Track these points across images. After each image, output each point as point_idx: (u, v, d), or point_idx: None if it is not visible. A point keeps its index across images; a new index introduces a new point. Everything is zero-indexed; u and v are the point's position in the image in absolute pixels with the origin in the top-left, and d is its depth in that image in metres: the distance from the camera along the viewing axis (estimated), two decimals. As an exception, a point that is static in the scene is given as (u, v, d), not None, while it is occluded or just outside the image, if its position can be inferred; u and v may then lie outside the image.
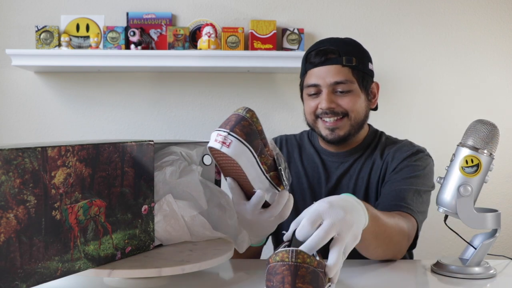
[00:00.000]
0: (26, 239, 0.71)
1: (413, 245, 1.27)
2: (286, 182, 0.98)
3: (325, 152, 1.46)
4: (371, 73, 1.40)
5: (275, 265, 0.71)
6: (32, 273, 0.72)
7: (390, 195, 1.30)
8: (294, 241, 0.82)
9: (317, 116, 1.38)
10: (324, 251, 0.80)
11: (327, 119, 1.36)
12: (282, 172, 0.97)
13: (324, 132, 1.38)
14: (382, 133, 1.49)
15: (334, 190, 1.41)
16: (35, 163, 0.72)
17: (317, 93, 1.36)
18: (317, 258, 0.80)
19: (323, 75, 1.34)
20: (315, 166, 1.45)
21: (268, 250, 1.57)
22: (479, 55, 2.35)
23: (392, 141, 1.44)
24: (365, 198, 1.38)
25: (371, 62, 1.41)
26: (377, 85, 1.44)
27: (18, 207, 0.70)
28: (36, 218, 0.73)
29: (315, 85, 1.36)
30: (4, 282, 0.68)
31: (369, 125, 1.48)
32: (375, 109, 1.48)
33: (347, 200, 0.85)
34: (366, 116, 1.41)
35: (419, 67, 2.35)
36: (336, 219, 0.78)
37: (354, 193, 1.39)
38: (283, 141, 1.54)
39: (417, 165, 1.34)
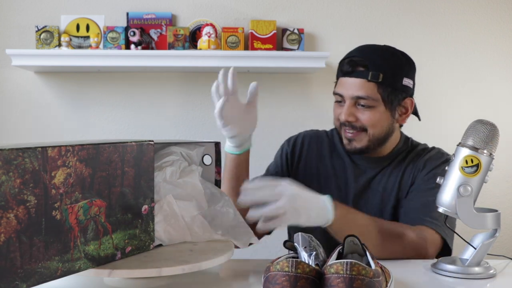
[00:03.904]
0: (26, 239, 0.71)
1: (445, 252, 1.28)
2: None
3: (356, 154, 1.44)
4: (404, 89, 1.35)
5: (330, 277, 0.72)
6: (32, 273, 0.72)
7: (415, 207, 1.31)
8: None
9: (340, 124, 1.38)
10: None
11: (347, 130, 1.36)
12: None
13: (344, 141, 1.39)
14: (412, 140, 1.47)
15: (363, 193, 1.41)
16: (35, 163, 0.72)
17: (342, 102, 1.36)
18: (373, 266, 0.80)
19: (347, 86, 1.33)
20: (344, 166, 1.44)
21: (268, 250, 1.57)
22: (479, 55, 2.35)
23: (423, 148, 1.43)
24: (396, 205, 1.37)
25: (410, 77, 1.36)
26: (412, 101, 1.39)
27: (18, 207, 0.70)
28: (36, 218, 0.73)
29: (340, 94, 1.36)
30: (4, 282, 0.68)
31: (401, 132, 1.46)
32: (418, 119, 1.48)
33: (310, 199, 1.09)
34: (389, 133, 1.37)
35: (419, 67, 2.32)
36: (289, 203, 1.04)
37: (383, 199, 1.38)
38: (312, 138, 1.52)
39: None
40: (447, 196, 1.07)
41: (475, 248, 1.09)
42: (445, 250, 1.28)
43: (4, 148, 0.68)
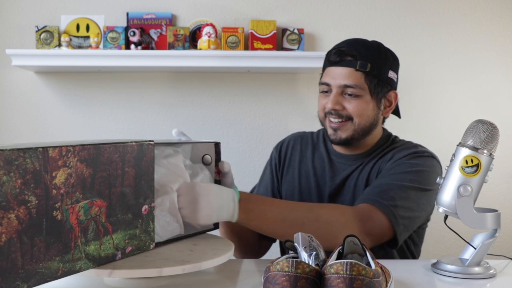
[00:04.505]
0: (27, 239, 0.71)
1: (393, 243, 1.23)
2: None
3: (335, 153, 1.45)
4: (389, 81, 1.37)
5: (330, 277, 0.72)
6: (33, 273, 0.72)
7: (367, 190, 1.29)
8: None
9: (325, 114, 1.38)
10: None
11: (332, 119, 1.36)
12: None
13: (329, 131, 1.39)
14: (395, 137, 1.47)
15: (337, 191, 1.41)
16: (36, 163, 0.72)
17: (329, 92, 1.37)
18: (373, 267, 0.80)
19: (335, 75, 1.34)
20: (323, 166, 1.45)
21: (269, 250, 1.57)
22: (479, 55, 2.35)
23: (400, 144, 1.43)
24: None
25: (394, 70, 1.39)
26: (396, 94, 1.41)
27: (19, 208, 0.70)
28: (37, 219, 0.73)
29: (327, 84, 1.36)
30: (5, 282, 0.68)
31: (384, 129, 1.47)
32: (399, 116, 1.48)
33: (212, 190, 1.05)
34: (374, 124, 1.38)
35: (418, 67, 2.35)
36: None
37: (354, 195, 1.38)
38: (297, 140, 1.54)
39: (410, 163, 1.32)
40: (447, 196, 1.07)
41: (475, 248, 1.09)
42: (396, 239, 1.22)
43: (5, 149, 0.68)
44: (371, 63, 1.33)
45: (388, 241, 1.25)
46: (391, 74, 1.38)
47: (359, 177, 1.39)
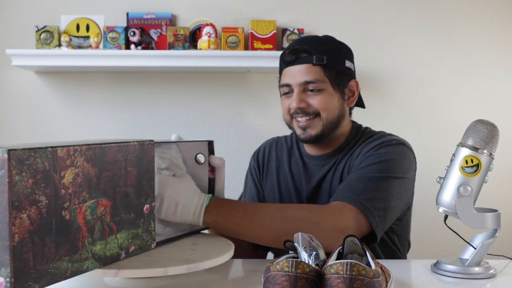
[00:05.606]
0: (38, 240, 0.71)
1: (372, 238, 1.20)
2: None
3: (307, 155, 1.43)
4: (347, 71, 1.36)
5: (330, 277, 0.72)
6: (44, 273, 0.72)
7: (338, 189, 1.26)
8: None
9: (291, 116, 1.37)
10: None
11: (299, 119, 1.34)
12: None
13: (298, 131, 1.36)
14: (365, 129, 1.44)
15: (314, 194, 1.39)
16: (46, 163, 0.72)
17: (290, 92, 1.35)
18: (373, 267, 0.81)
19: (294, 74, 1.33)
20: (299, 170, 1.44)
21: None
22: (479, 55, 2.35)
23: (369, 136, 1.39)
24: None
25: (350, 60, 1.37)
26: (356, 83, 1.39)
27: (31, 207, 0.70)
28: (48, 219, 0.73)
29: (287, 85, 1.35)
30: (18, 283, 0.68)
31: (353, 121, 1.44)
32: (363, 107, 1.45)
33: (184, 192, 1.07)
34: (341, 116, 1.36)
35: (419, 67, 2.35)
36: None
37: (330, 195, 1.35)
38: (272, 146, 1.53)
39: (378, 153, 1.29)
40: (447, 196, 1.07)
41: (475, 248, 1.09)
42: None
43: (17, 148, 0.68)
44: (326, 56, 1.31)
45: (368, 236, 1.20)
46: (348, 63, 1.36)
47: (333, 178, 1.36)
